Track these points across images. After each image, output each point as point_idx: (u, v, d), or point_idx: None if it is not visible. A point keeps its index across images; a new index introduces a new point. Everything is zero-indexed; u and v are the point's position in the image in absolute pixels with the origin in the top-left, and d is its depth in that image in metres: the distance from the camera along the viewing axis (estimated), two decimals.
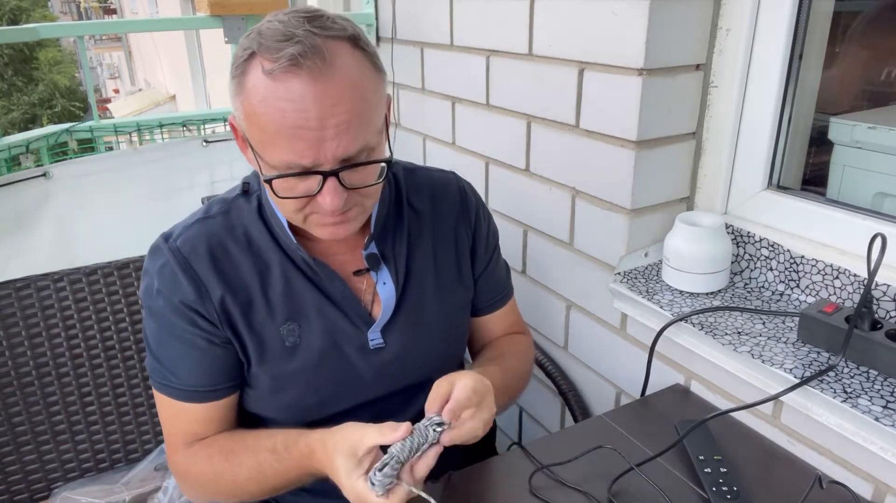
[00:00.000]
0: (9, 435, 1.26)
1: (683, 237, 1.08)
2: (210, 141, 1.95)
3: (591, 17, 1.10)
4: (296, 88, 0.73)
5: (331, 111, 0.73)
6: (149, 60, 12.83)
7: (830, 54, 1.10)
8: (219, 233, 0.89)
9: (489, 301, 1.07)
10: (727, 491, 0.83)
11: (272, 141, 0.75)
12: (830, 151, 1.12)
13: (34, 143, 1.76)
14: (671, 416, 1.00)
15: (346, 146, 0.76)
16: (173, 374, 0.89)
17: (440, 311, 0.98)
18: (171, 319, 0.87)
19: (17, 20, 11.02)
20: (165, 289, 0.87)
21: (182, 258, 0.87)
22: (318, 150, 0.75)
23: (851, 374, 0.87)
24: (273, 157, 0.76)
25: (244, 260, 0.89)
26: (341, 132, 0.75)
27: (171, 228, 0.91)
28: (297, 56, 0.72)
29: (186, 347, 0.88)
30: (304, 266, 0.90)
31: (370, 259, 0.93)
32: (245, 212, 0.91)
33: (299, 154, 0.75)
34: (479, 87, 1.43)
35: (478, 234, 1.03)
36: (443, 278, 0.99)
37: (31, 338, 1.26)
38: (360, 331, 0.92)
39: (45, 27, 1.73)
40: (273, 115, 0.74)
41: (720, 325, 1.01)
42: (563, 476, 0.90)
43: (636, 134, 1.07)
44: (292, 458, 0.84)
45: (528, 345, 1.12)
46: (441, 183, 1.03)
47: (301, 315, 0.90)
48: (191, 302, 0.86)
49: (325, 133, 0.74)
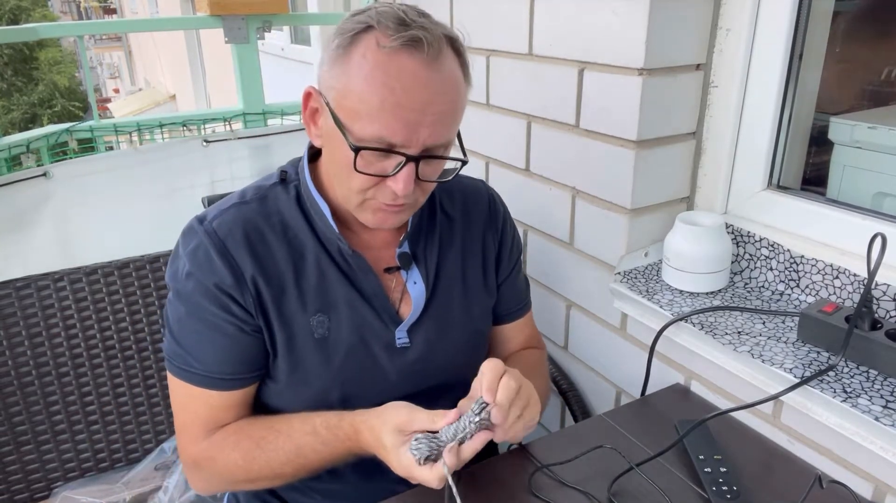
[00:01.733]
0: (9, 435, 1.26)
1: (683, 237, 1.08)
2: (210, 141, 1.95)
3: (591, 16, 1.10)
4: (409, 68, 0.75)
5: (434, 98, 0.77)
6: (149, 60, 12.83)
7: (830, 54, 1.10)
8: (255, 218, 0.88)
9: (509, 310, 1.08)
10: (727, 490, 0.83)
11: (371, 113, 0.76)
12: (830, 151, 1.12)
13: (34, 142, 1.76)
14: (671, 416, 1.00)
15: (438, 135, 0.78)
16: (196, 360, 0.87)
17: (465, 316, 0.99)
18: (200, 303, 0.85)
19: (17, 20, 11.03)
20: (198, 272, 0.85)
21: (218, 240, 0.85)
22: (412, 132, 0.77)
23: (851, 374, 0.87)
24: (364, 130, 0.77)
25: (279, 247, 0.88)
26: (437, 121, 0.78)
27: (204, 211, 0.90)
28: (420, 39, 0.75)
29: (214, 333, 0.86)
30: (338, 258, 0.90)
31: (402, 258, 0.94)
32: (282, 199, 0.91)
33: (393, 131, 0.76)
34: (479, 86, 1.43)
35: (503, 242, 1.05)
36: (469, 284, 1.00)
37: (31, 338, 1.26)
38: (387, 328, 0.92)
39: (45, 27, 1.74)
40: (379, 88, 0.75)
41: (720, 325, 1.01)
42: (564, 476, 0.90)
43: (636, 134, 1.07)
44: (337, 439, 0.84)
45: (544, 360, 1.13)
46: (472, 191, 1.05)
47: (332, 307, 0.89)
48: (226, 286, 0.85)
49: (423, 118, 0.76)
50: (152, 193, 1.88)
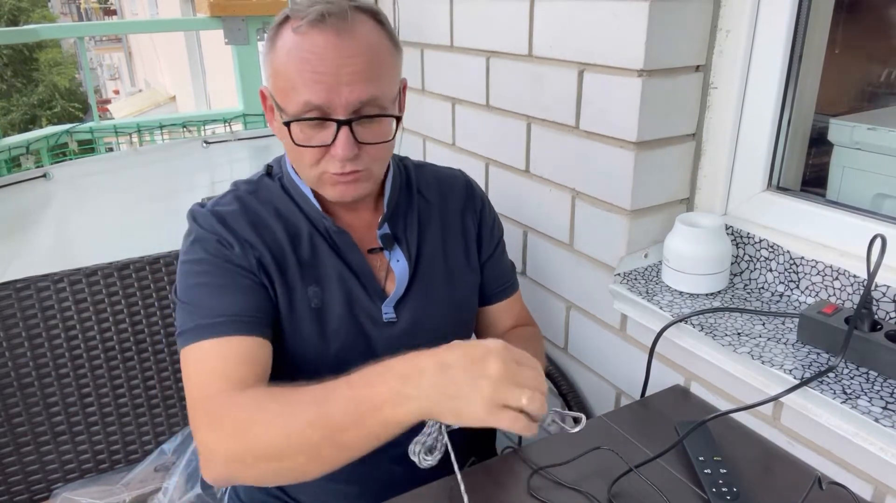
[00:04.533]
0: (9, 435, 1.26)
1: (683, 238, 1.08)
2: (210, 142, 1.95)
3: (591, 18, 1.10)
4: (319, 41, 0.83)
5: (347, 60, 0.83)
6: (149, 61, 12.83)
7: (830, 55, 1.10)
8: (251, 202, 0.96)
9: (496, 289, 1.13)
10: (727, 492, 0.83)
11: (295, 86, 0.84)
12: (830, 152, 1.12)
13: (34, 144, 1.76)
14: (671, 417, 1.00)
15: (360, 92, 0.84)
16: (207, 311, 0.85)
17: (449, 292, 1.04)
18: (208, 259, 0.89)
19: (16, 21, 11.02)
20: (204, 235, 0.91)
21: (221, 217, 0.92)
22: (333, 92, 0.83)
23: (851, 375, 0.87)
24: (292, 104, 0.85)
25: (276, 226, 0.94)
26: (355, 80, 0.84)
27: (202, 201, 0.97)
28: (323, 13, 0.83)
29: (224, 279, 0.88)
30: (327, 236, 0.96)
31: (384, 239, 0.99)
32: (271, 189, 0.98)
33: (315, 94, 0.83)
34: (479, 88, 1.43)
35: (483, 222, 1.11)
36: (451, 262, 1.05)
37: (31, 339, 1.26)
38: (374, 303, 0.97)
39: (45, 28, 1.74)
40: (297, 62, 0.84)
41: (720, 326, 1.01)
42: (562, 477, 0.90)
43: (636, 135, 1.07)
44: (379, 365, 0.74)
45: (537, 334, 1.18)
46: (449, 177, 1.12)
47: (324, 280, 0.95)
48: (231, 244, 0.90)
49: (340, 78, 0.83)
50: (152, 194, 1.89)
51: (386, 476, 0.94)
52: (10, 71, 10.95)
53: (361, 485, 0.98)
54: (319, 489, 0.99)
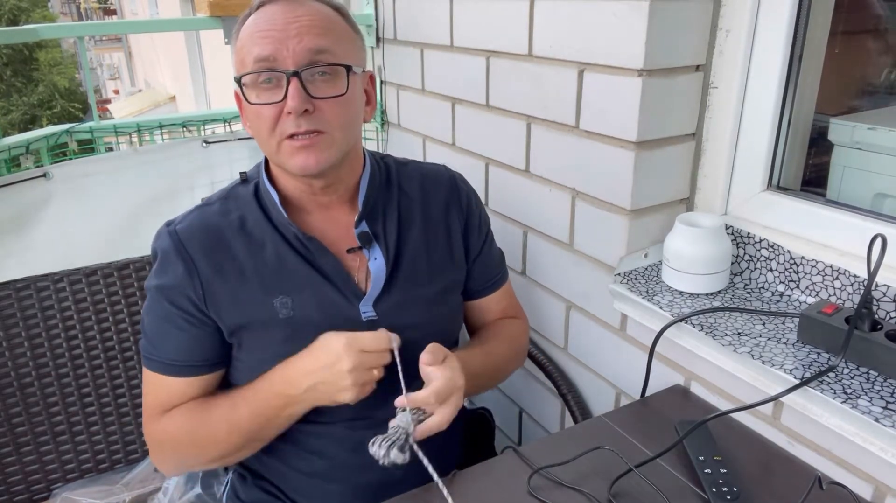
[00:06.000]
0: (9, 435, 1.26)
1: (683, 238, 1.08)
2: (210, 142, 1.95)
3: (591, 18, 1.10)
4: (269, 10, 0.89)
5: (296, 18, 0.88)
6: (149, 61, 12.83)
7: (830, 55, 1.10)
8: (214, 219, 0.97)
9: (484, 285, 1.14)
10: (727, 491, 0.83)
11: (246, 47, 0.89)
12: (830, 152, 1.12)
13: (34, 143, 1.75)
14: (671, 417, 1.00)
15: (308, 42, 0.87)
16: (156, 349, 0.96)
17: (431, 289, 1.04)
18: (157, 297, 0.95)
19: (16, 20, 11.02)
20: (159, 270, 0.96)
21: (177, 240, 0.95)
22: (280, 44, 0.86)
23: (851, 375, 0.87)
24: (246, 67, 0.89)
25: (237, 241, 0.96)
26: (302, 32, 0.87)
27: (173, 217, 1.00)
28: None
29: (169, 325, 0.95)
30: (296, 243, 0.96)
31: (362, 237, 0.99)
32: (242, 196, 1.00)
33: (262, 47, 0.87)
34: (479, 87, 1.43)
35: (470, 219, 1.10)
36: (434, 258, 1.05)
37: (30, 339, 1.26)
38: (351, 304, 0.97)
39: (45, 28, 1.73)
40: (250, 32, 0.89)
41: (720, 326, 1.01)
42: (563, 477, 0.90)
43: (636, 135, 1.07)
44: (263, 381, 0.92)
45: (519, 327, 1.19)
46: (432, 172, 1.12)
47: (294, 289, 0.95)
48: (179, 282, 0.93)
49: (288, 33, 0.87)
50: (152, 194, 1.88)
51: (383, 477, 0.94)
52: (10, 71, 10.94)
53: (358, 486, 0.99)
54: (317, 490, 0.99)
